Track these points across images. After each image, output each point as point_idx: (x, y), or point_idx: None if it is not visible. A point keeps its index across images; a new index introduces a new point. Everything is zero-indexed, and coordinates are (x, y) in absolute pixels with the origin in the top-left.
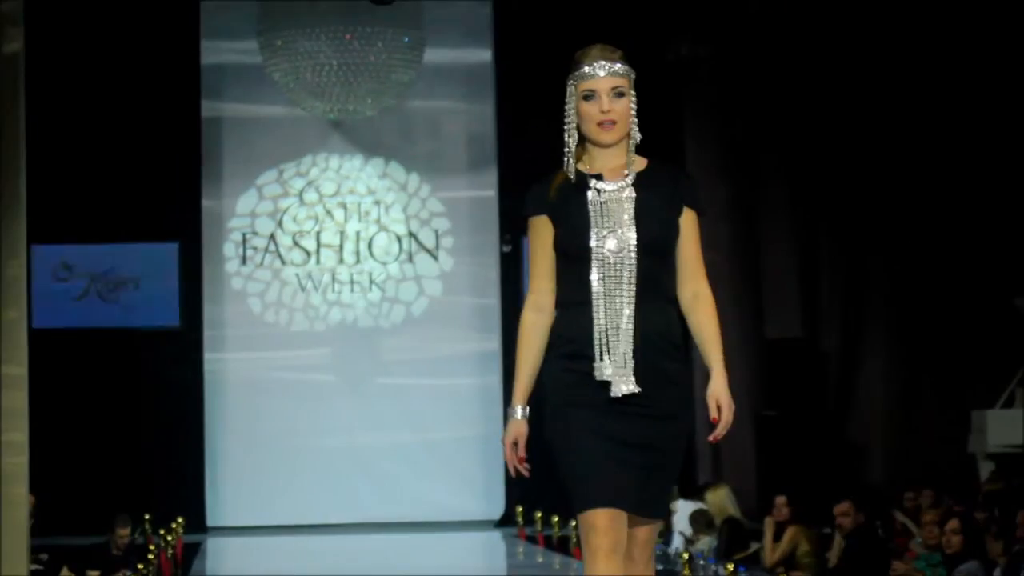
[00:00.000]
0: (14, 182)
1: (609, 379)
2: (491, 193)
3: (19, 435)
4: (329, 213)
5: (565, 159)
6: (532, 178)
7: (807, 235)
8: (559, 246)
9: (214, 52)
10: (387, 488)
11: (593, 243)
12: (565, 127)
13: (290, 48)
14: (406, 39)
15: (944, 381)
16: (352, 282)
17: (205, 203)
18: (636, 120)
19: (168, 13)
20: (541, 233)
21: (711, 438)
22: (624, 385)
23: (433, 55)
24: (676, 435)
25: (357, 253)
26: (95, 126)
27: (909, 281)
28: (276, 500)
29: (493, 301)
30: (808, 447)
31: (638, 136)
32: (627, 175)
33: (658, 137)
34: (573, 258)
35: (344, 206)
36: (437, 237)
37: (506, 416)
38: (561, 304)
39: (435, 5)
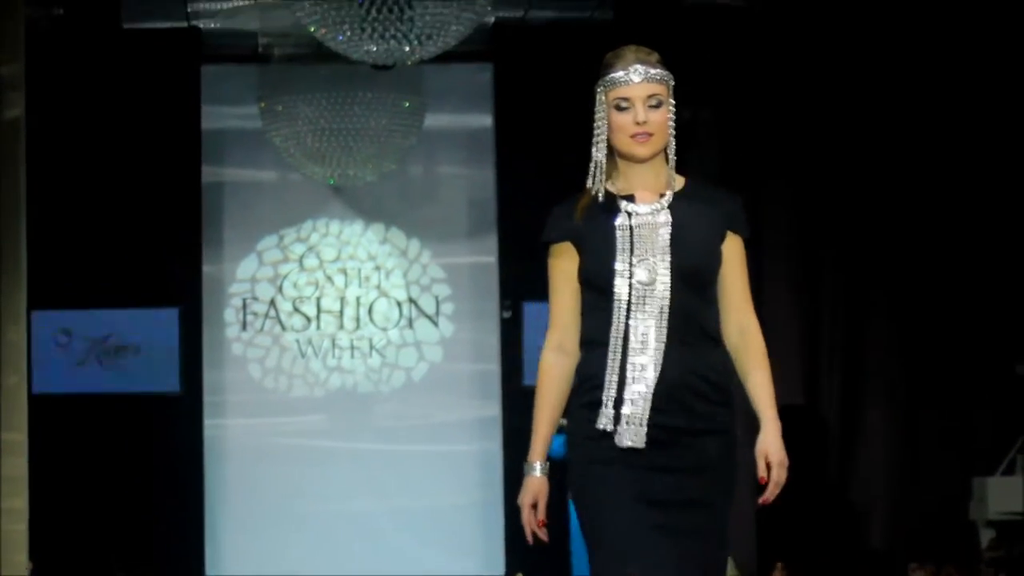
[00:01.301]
0: (15, 248)
1: (609, 429)
2: (491, 259)
3: (19, 502)
4: (329, 279)
5: (592, 177)
6: (533, 244)
7: (807, 302)
8: (583, 276)
9: (215, 117)
10: (386, 554)
11: (620, 274)
12: (593, 140)
13: (290, 113)
14: (407, 104)
15: (945, 447)
16: (352, 348)
17: (206, 268)
18: (675, 133)
19: (169, 78)
20: (564, 262)
21: (761, 501)
22: (629, 437)
23: (434, 120)
24: (722, 489)
25: (357, 319)
26: (96, 191)
27: (910, 347)
28: (275, 565)
29: (493, 367)
30: (808, 513)
31: (674, 150)
32: (663, 196)
33: None
34: (599, 291)
35: (344, 272)
36: (437, 303)
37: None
38: (585, 343)
39: (436, 70)
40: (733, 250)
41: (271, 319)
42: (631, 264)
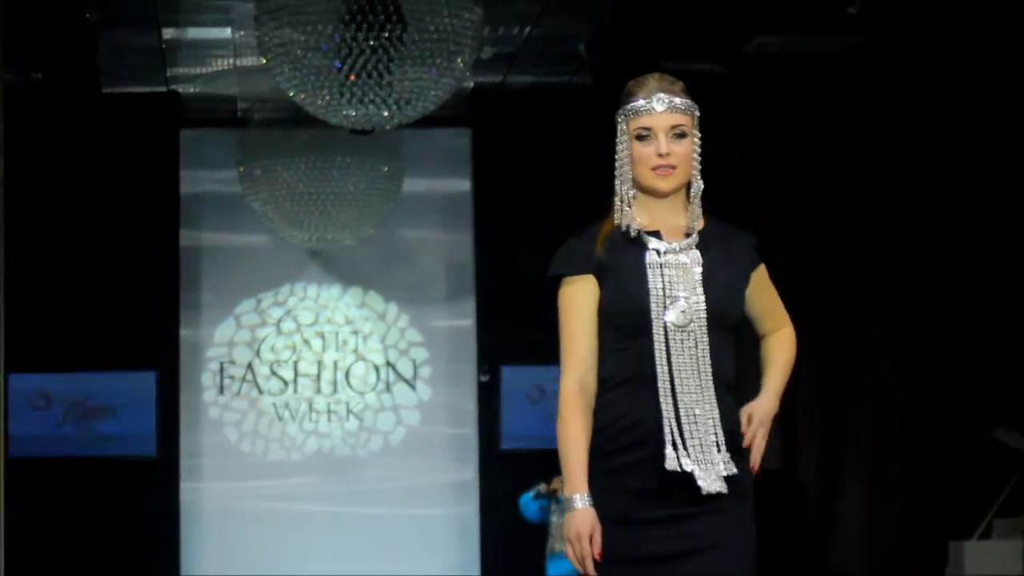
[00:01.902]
0: None
1: (687, 469)
2: (469, 323)
3: None
4: (307, 342)
5: (617, 211)
6: (511, 308)
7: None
8: (609, 315)
9: (194, 181)
10: None
11: (655, 314)
12: (616, 172)
13: (269, 178)
14: (385, 169)
15: (922, 512)
16: (329, 412)
17: (183, 332)
18: (700, 167)
19: (148, 142)
20: (582, 296)
21: (752, 468)
22: (713, 482)
23: (412, 184)
24: (731, 535)
25: (334, 383)
26: (75, 255)
27: (887, 413)
28: None
29: (471, 431)
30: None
31: (701, 185)
32: (688, 235)
33: None
34: (627, 330)
35: (322, 335)
36: (415, 367)
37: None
38: (610, 385)
39: (414, 135)
40: (759, 278)
41: (248, 383)
42: (663, 304)
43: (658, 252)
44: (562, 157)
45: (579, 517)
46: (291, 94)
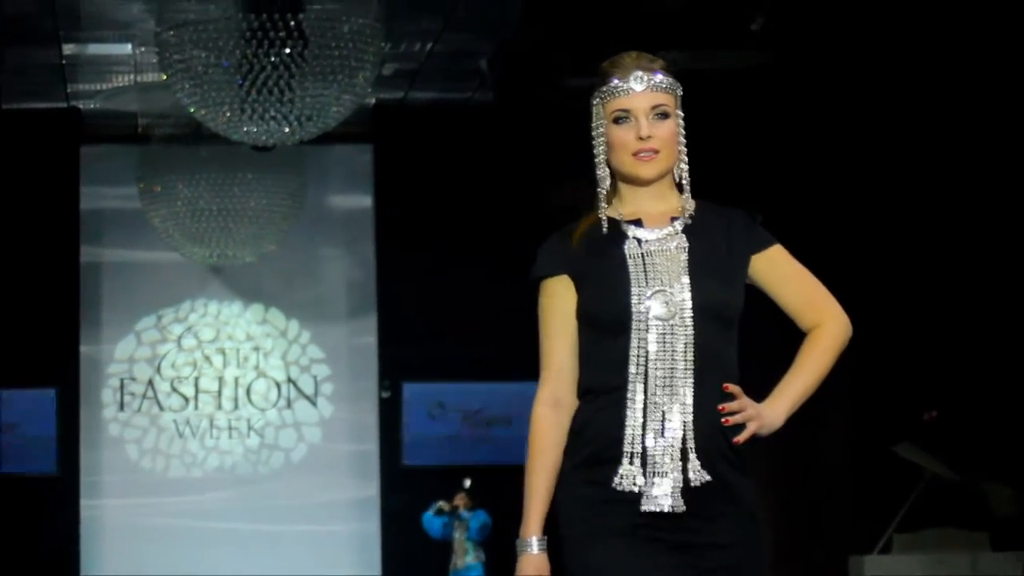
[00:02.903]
0: None
1: (638, 490)
2: (371, 340)
3: None
4: (208, 359)
5: (596, 201)
6: (412, 325)
7: None
8: (586, 314)
9: (94, 198)
10: None
11: (635, 308)
12: (595, 160)
13: (170, 194)
14: (286, 185)
15: (823, 527)
16: (230, 428)
17: (83, 349)
18: (685, 149)
19: (48, 158)
20: (559, 299)
21: (737, 438)
22: (665, 499)
23: (314, 201)
24: (744, 570)
25: (235, 399)
26: None
27: (788, 429)
28: None
29: (372, 447)
30: None
31: (686, 170)
32: (674, 220)
33: None
34: (606, 329)
35: (223, 352)
36: (316, 383)
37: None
38: (588, 392)
39: (316, 151)
40: (773, 262)
41: (149, 399)
42: (646, 297)
43: (639, 241)
44: (464, 173)
45: (532, 562)
46: (192, 110)
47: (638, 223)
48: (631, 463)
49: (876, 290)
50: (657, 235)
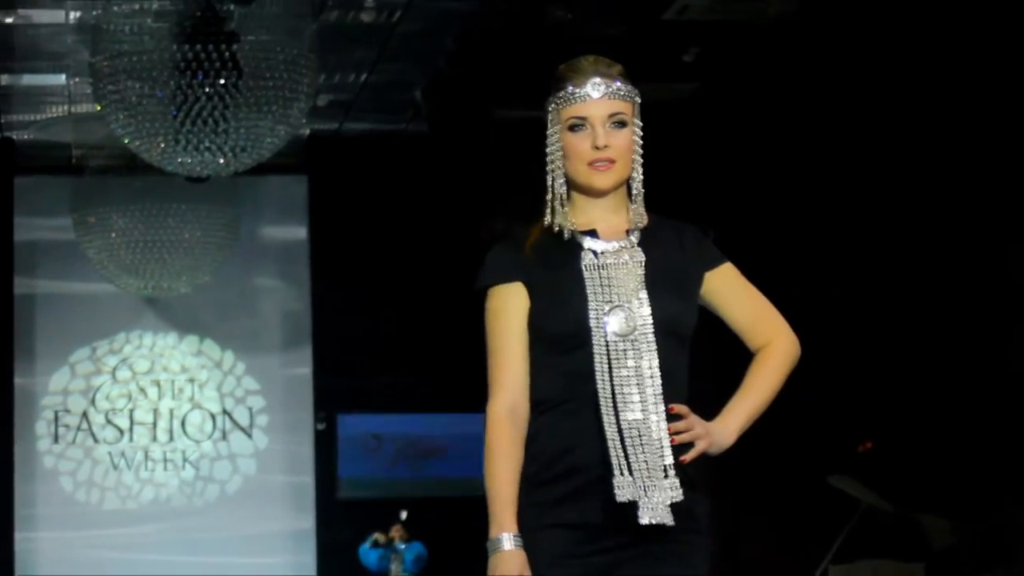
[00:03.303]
0: None
1: (634, 499)
2: (306, 371)
3: None
4: (142, 391)
5: (550, 211)
6: (348, 355)
7: None
8: (541, 328)
9: (27, 229)
10: None
11: (593, 323)
12: (548, 167)
13: (104, 225)
14: (221, 216)
15: (758, 558)
16: (165, 460)
17: (17, 381)
18: (641, 160)
19: None
20: (511, 307)
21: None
22: (656, 513)
23: (248, 232)
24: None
25: (170, 431)
26: None
27: (722, 460)
28: None
29: (308, 479)
30: None
31: (641, 180)
32: (629, 233)
33: None
34: (561, 344)
35: (158, 384)
36: (251, 415)
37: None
38: (537, 404)
39: (251, 182)
40: (726, 279)
41: (83, 431)
42: (604, 312)
43: (595, 253)
44: (399, 203)
45: (507, 560)
46: (126, 141)
47: (592, 234)
48: (623, 474)
49: (810, 320)
50: (613, 247)
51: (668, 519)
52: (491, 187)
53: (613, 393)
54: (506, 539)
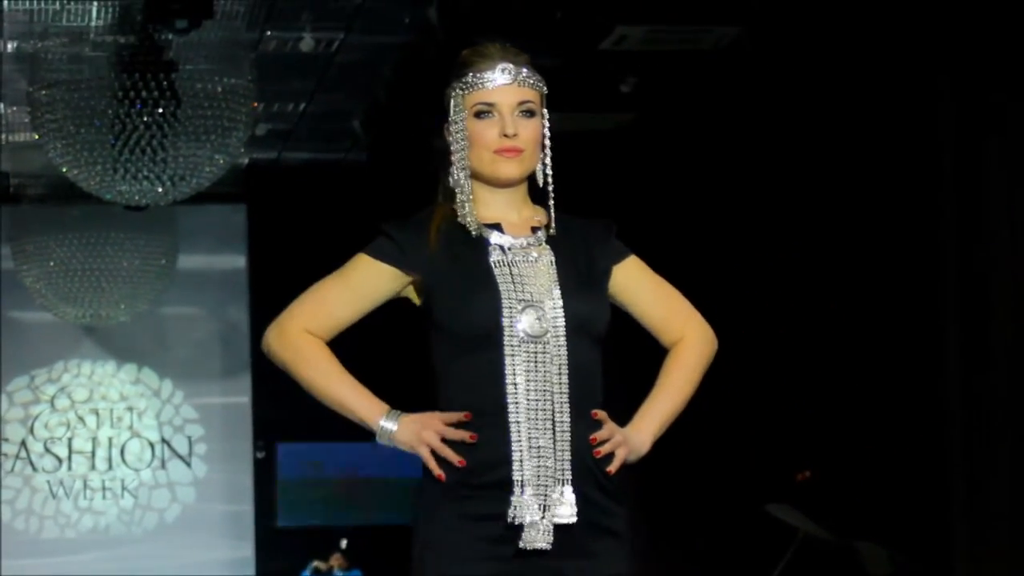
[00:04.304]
0: None
1: (526, 523)
2: (245, 399)
3: None
4: (81, 419)
5: (459, 204)
6: (286, 384)
7: None
8: (448, 327)
9: None
10: None
11: (506, 323)
12: (452, 155)
13: (41, 254)
14: (159, 245)
15: None
16: (104, 489)
17: None
18: (550, 152)
19: None
20: (373, 285)
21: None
22: (543, 537)
23: (187, 261)
24: None
25: (109, 459)
26: None
27: (660, 490)
28: None
29: (247, 507)
30: None
31: (551, 175)
32: (535, 229)
33: None
34: (469, 344)
35: (96, 412)
36: (190, 443)
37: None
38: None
39: (189, 211)
40: (632, 273)
41: (22, 460)
42: (517, 312)
43: (503, 249)
44: (338, 233)
45: (406, 430)
46: (64, 170)
47: (497, 228)
48: (523, 492)
49: (747, 349)
50: (522, 244)
51: (547, 544)
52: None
53: (526, 398)
54: (386, 418)
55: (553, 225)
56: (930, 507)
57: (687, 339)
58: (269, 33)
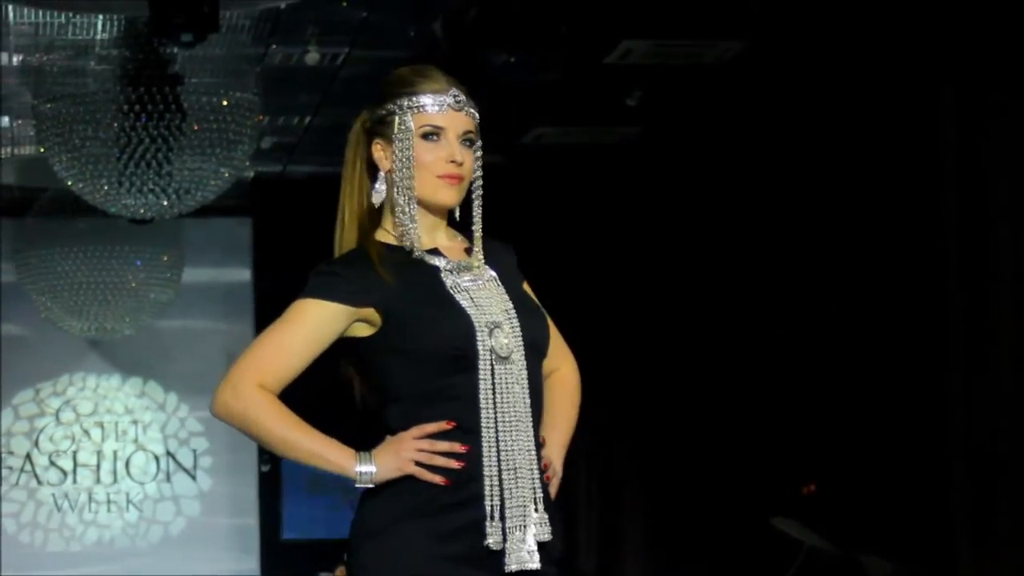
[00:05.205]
0: None
1: (501, 547)
2: None
3: None
4: (86, 433)
5: (406, 229)
6: (290, 398)
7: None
8: (415, 355)
9: None
10: None
11: (478, 344)
12: (397, 176)
13: (47, 267)
14: (164, 258)
15: None
16: (109, 502)
17: None
18: (481, 181)
19: None
20: (327, 327)
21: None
22: (531, 557)
23: (192, 274)
24: None
25: (114, 473)
26: None
27: (664, 501)
28: None
29: (252, 521)
30: None
31: (480, 204)
32: (469, 252)
33: None
34: (443, 368)
35: (101, 425)
36: (195, 457)
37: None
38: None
39: (194, 224)
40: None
41: (27, 473)
42: (486, 334)
43: (452, 272)
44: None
45: (384, 464)
46: (69, 183)
47: (436, 253)
48: (492, 519)
49: (754, 365)
50: (466, 266)
51: (534, 562)
52: None
53: (496, 421)
54: (360, 460)
55: (481, 249)
56: (934, 520)
57: (563, 369)
58: (274, 47)
